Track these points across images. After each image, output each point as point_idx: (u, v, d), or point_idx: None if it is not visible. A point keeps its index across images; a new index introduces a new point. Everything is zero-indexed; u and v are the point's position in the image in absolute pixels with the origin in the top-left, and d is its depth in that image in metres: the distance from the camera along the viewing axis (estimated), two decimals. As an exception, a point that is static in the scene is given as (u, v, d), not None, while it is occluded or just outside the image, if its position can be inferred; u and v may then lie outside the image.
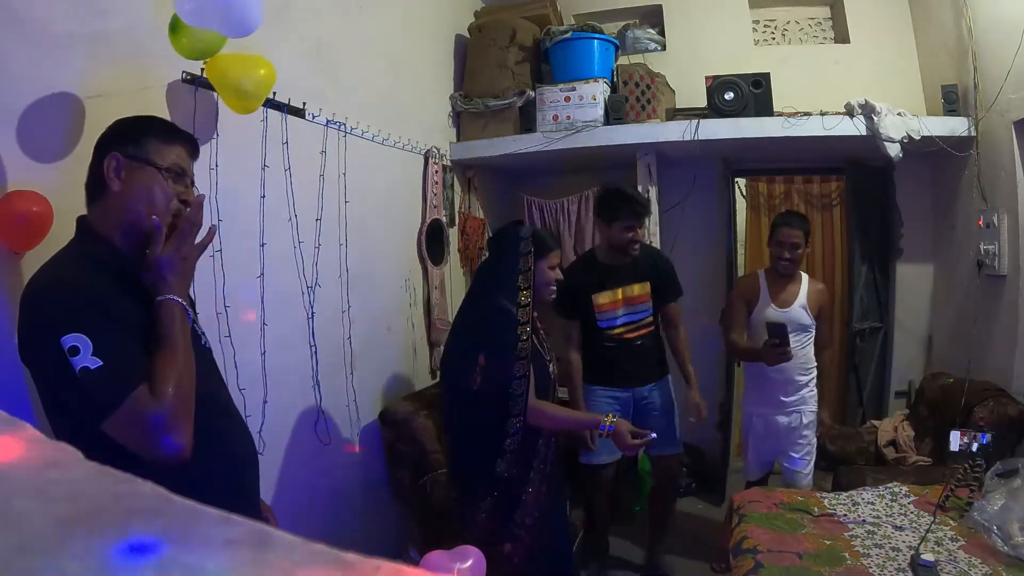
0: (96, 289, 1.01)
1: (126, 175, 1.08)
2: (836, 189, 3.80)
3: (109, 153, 1.08)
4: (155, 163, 1.09)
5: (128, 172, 1.08)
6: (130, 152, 1.08)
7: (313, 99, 2.12)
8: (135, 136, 1.10)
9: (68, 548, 0.23)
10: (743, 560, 1.78)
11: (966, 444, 2.10)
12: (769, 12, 3.65)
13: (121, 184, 1.08)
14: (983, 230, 2.76)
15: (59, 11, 1.33)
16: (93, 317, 0.96)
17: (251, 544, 0.24)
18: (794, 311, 2.50)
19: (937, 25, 3.11)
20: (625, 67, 3.23)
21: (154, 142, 1.10)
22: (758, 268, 2.79)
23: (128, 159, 1.08)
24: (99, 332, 0.94)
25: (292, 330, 2.07)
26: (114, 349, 0.95)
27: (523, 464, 1.78)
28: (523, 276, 1.79)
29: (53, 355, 0.93)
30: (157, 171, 1.09)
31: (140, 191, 1.08)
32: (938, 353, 3.31)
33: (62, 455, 0.30)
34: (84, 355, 0.92)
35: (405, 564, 0.25)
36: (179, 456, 0.96)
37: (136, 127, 1.12)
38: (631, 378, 2.52)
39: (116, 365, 0.94)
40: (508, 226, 1.91)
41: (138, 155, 1.09)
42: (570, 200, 3.52)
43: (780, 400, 2.50)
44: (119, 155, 1.08)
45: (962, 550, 1.74)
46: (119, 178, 1.07)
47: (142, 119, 1.15)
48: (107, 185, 1.08)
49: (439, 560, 1.39)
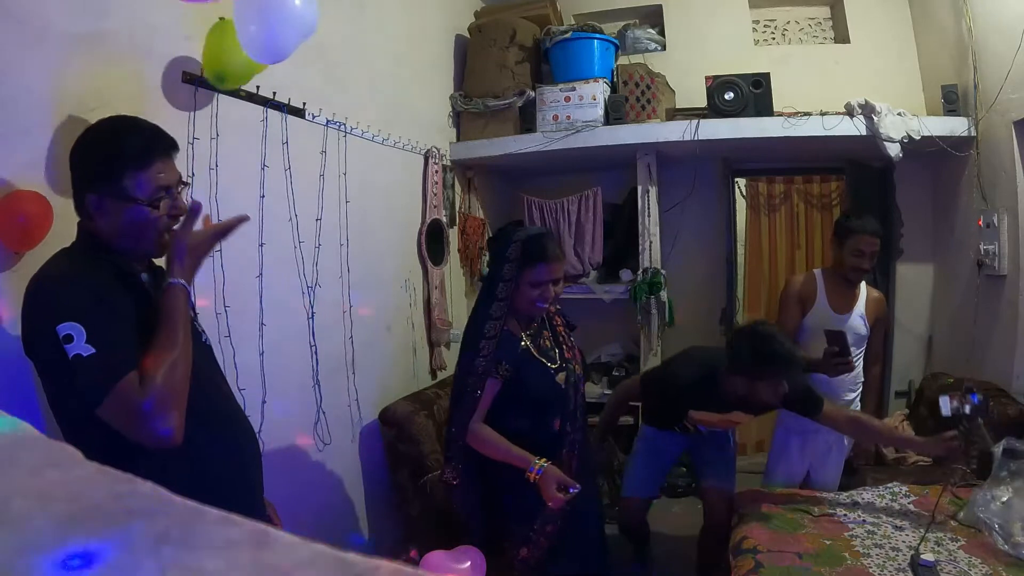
0: (91, 281, 1.03)
1: (110, 211, 1.07)
2: (836, 189, 3.80)
3: (87, 194, 1.07)
4: (136, 198, 1.07)
5: (111, 208, 1.07)
6: (108, 191, 1.07)
7: (313, 99, 2.12)
8: (108, 172, 1.07)
9: (68, 548, 0.23)
10: (743, 560, 1.78)
11: (957, 407, 1.96)
12: (769, 12, 3.65)
13: (107, 220, 1.08)
14: (983, 230, 2.76)
15: (59, 11, 1.33)
16: (87, 306, 0.98)
17: (251, 544, 0.24)
18: (853, 319, 2.30)
19: (937, 25, 3.11)
20: (625, 67, 3.23)
21: (130, 173, 1.07)
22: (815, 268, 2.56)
23: (108, 198, 1.07)
24: (93, 320, 0.97)
25: (292, 330, 2.07)
26: (106, 337, 0.97)
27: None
28: (504, 284, 1.70)
29: (50, 344, 0.96)
30: (139, 205, 1.08)
31: (126, 227, 1.08)
32: (938, 353, 3.31)
33: (62, 455, 0.30)
34: (78, 342, 0.94)
35: (405, 564, 0.25)
36: (168, 442, 0.98)
37: (108, 161, 1.07)
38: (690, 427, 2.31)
39: (108, 352, 0.96)
40: (508, 226, 1.86)
41: (117, 193, 1.07)
42: (570, 200, 3.52)
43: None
44: (96, 197, 1.07)
45: (962, 550, 1.74)
46: (104, 214, 1.08)
47: (113, 143, 1.09)
48: (91, 216, 1.08)
49: (439, 560, 1.39)
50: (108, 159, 1.08)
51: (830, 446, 2.35)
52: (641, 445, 2.44)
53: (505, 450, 1.67)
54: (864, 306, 2.33)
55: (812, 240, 4.03)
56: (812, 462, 2.40)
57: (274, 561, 0.23)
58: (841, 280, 2.35)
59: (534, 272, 1.69)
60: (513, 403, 1.73)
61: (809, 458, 2.40)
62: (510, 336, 1.74)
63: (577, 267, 3.48)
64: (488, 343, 1.68)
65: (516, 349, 1.74)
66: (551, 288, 1.73)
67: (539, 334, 1.83)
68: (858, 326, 2.31)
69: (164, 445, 0.97)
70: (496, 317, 1.69)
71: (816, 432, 2.30)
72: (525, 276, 1.70)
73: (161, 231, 1.11)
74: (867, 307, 2.34)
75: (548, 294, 1.72)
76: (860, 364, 2.34)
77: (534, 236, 1.74)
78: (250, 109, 1.86)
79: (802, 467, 2.41)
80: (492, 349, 1.68)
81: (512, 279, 1.70)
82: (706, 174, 3.55)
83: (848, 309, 2.32)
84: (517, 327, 1.78)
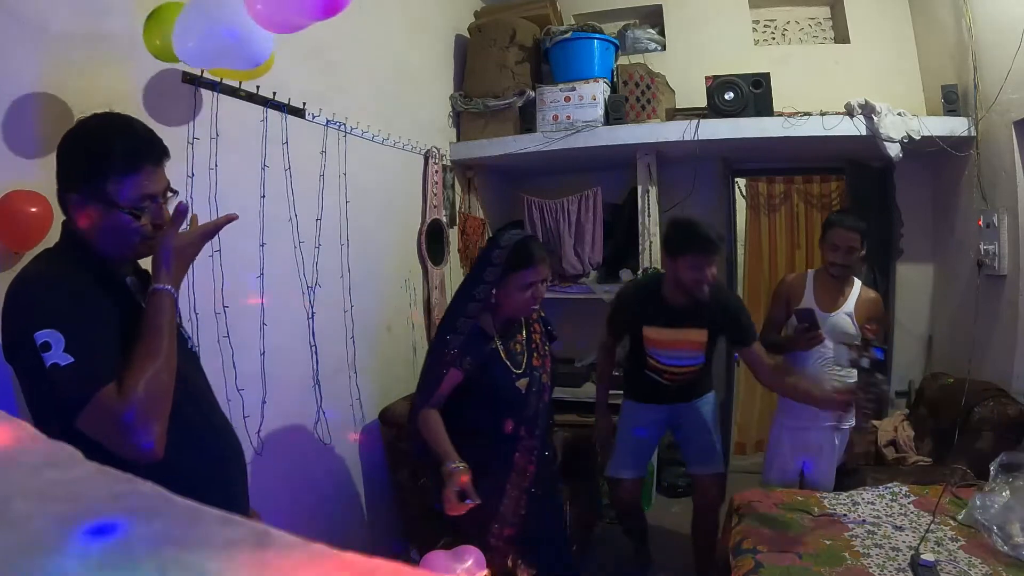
0: (72, 285, 0.99)
1: (91, 214, 1.04)
2: (836, 189, 3.80)
3: (69, 193, 1.03)
4: (118, 204, 1.03)
5: (92, 212, 1.03)
6: (91, 193, 1.03)
7: (313, 99, 2.12)
8: (93, 175, 1.02)
9: (68, 548, 0.23)
10: (743, 560, 1.78)
11: (854, 359, 1.93)
12: (769, 12, 3.65)
13: (88, 223, 1.04)
14: (983, 230, 2.76)
15: (58, 10, 1.33)
16: (67, 313, 0.95)
17: (251, 544, 0.24)
18: (837, 317, 2.30)
19: (937, 25, 3.11)
20: (625, 67, 3.23)
21: (115, 178, 1.02)
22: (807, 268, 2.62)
23: (91, 200, 1.03)
24: (71, 328, 0.93)
25: (292, 330, 2.07)
26: (85, 346, 0.93)
27: (497, 476, 1.78)
28: (484, 287, 1.76)
29: (28, 351, 0.92)
30: (121, 212, 1.04)
31: (106, 232, 1.05)
32: (938, 353, 3.31)
33: (62, 455, 0.30)
34: (56, 351, 0.91)
35: (405, 564, 0.25)
36: (150, 455, 0.94)
37: (94, 162, 1.03)
38: (671, 399, 2.38)
39: (86, 361, 0.92)
40: (507, 226, 1.89)
41: (100, 196, 1.03)
42: (570, 200, 3.52)
43: (817, 415, 2.21)
44: (78, 197, 1.03)
45: (962, 550, 1.74)
46: (84, 216, 1.04)
47: (102, 144, 1.04)
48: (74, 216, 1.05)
49: (439, 560, 1.39)
50: (94, 160, 1.03)
51: (821, 445, 2.36)
52: (622, 423, 2.46)
53: (437, 441, 1.70)
54: (853, 306, 2.32)
55: (812, 240, 4.02)
56: (805, 460, 2.41)
57: (274, 561, 0.23)
58: (829, 279, 2.34)
59: (523, 275, 1.76)
60: (470, 397, 1.79)
61: (801, 454, 2.41)
62: (481, 333, 1.79)
63: (577, 267, 3.48)
64: (456, 337, 1.75)
65: (484, 347, 1.79)
66: (540, 287, 1.80)
67: (512, 337, 1.87)
68: (844, 324, 2.30)
69: (145, 459, 0.93)
70: (470, 315, 1.76)
71: (807, 430, 2.33)
72: (514, 281, 1.76)
73: (142, 238, 1.07)
74: (857, 307, 2.31)
75: (538, 294, 1.80)
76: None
77: (520, 242, 1.79)
78: (250, 109, 1.86)
79: (795, 464, 2.42)
80: (460, 343, 1.74)
81: (493, 282, 1.76)
82: (706, 174, 3.55)
83: (833, 307, 2.32)
84: (491, 326, 1.82)
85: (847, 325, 2.30)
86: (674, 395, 2.36)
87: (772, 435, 2.51)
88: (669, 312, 2.23)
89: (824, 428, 2.29)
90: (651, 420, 2.42)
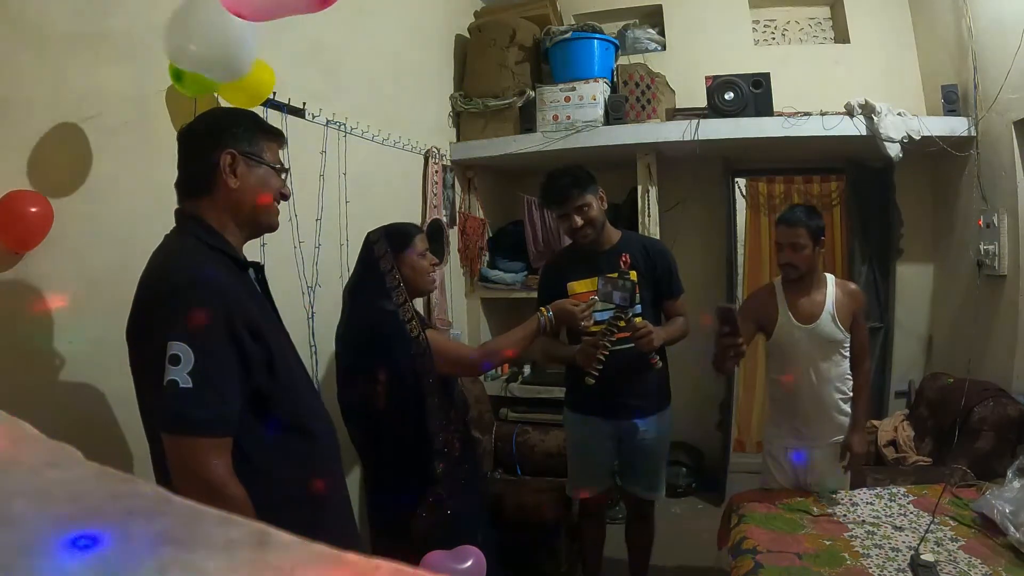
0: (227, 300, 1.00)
1: (242, 172, 1.10)
2: (836, 189, 3.80)
3: (223, 149, 1.08)
4: (268, 162, 1.13)
5: (244, 169, 1.10)
6: (245, 150, 1.10)
7: (313, 99, 2.12)
8: (248, 134, 1.12)
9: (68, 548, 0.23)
10: (743, 560, 1.78)
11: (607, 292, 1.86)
12: (769, 12, 3.65)
13: (238, 181, 1.09)
14: (983, 230, 2.76)
15: (59, 11, 1.33)
16: (210, 334, 0.95)
17: (251, 544, 0.24)
18: (823, 326, 2.05)
19: (937, 25, 3.11)
20: (625, 67, 3.23)
21: (264, 139, 1.14)
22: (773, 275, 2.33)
23: (244, 156, 1.10)
24: (205, 357, 0.93)
25: (292, 330, 2.05)
26: (209, 381, 0.94)
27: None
28: (389, 276, 1.74)
29: (155, 349, 0.94)
30: (271, 169, 1.14)
31: (256, 189, 1.12)
32: (938, 353, 3.31)
33: (62, 455, 0.30)
34: (181, 369, 0.91)
35: (405, 564, 0.25)
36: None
37: (246, 123, 1.14)
38: (617, 406, 2.10)
39: (201, 396, 0.93)
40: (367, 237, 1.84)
41: (252, 153, 1.11)
42: (570, 200, 3.50)
43: (815, 432, 2.11)
44: (235, 152, 1.09)
45: (962, 550, 1.74)
46: (236, 175, 1.09)
47: (244, 114, 1.19)
48: (220, 180, 1.08)
49: (439, 560, 1.39)
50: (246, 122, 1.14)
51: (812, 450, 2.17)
52: (569, 438, 2.38)
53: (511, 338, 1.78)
54: (834, 306, 2.06)
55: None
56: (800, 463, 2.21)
57: (274, 561, 0.23)
58: (793, 284, 2.09)
59: (414, 247, 1.77)
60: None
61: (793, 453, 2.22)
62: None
63: (577, 267, 3.47)
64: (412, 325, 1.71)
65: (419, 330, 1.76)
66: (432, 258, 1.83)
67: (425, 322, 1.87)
68: (832, 332, 2.05)
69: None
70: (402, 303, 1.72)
71: (799, 439, 2.16)
72: (408, 255, 1.75)
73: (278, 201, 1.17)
74: (838, 306, 2.06)
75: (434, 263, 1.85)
76: (846, 366, 2.11)
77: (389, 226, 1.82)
78: (250, 109, 1.86)
79: (788, 466, 2.22)
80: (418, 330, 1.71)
81: (393, 268, 1.73)
82: (706, 174, 3.55)
83: (814, 315, 2.06)
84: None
85: (834, 332, 2.06)
86: (621, 403, 2.11)
87: (766, 453, 2.29)
88: (587, 259, 2.14)
89: (825, 444, 2.13)
90: (601, 436, 2.19)
